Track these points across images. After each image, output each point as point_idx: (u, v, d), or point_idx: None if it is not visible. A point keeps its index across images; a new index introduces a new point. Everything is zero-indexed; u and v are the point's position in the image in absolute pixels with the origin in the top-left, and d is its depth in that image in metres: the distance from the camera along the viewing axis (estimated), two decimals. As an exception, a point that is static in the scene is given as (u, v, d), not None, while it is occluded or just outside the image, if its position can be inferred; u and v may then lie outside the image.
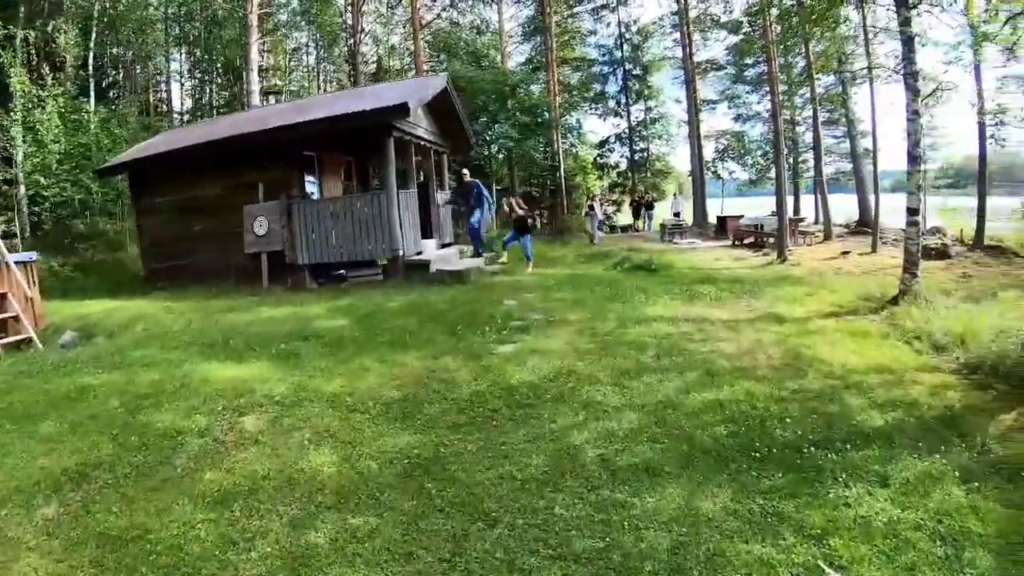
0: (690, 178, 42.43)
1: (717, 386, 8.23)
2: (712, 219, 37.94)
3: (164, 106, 42.81)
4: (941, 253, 21.93)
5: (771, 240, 24.17)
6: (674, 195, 42.08)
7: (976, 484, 5.90)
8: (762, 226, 26.95)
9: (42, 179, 24.91)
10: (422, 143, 19.54)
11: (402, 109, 15.37)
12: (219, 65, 40.74)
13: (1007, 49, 14.60)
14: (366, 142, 18.49)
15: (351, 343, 10.33)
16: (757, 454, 6.54)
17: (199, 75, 42.97)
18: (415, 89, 18.25)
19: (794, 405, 7.71)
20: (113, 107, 33.04)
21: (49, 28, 28.13)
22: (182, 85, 43.90)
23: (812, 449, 6.59)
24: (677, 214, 37.35)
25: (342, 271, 16.80)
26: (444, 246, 20.02)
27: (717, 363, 9.10)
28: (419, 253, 17.51)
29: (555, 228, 34.51)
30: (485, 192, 19.52)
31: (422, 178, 20.88)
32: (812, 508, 5.61)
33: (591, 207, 29.67)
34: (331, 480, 6.25)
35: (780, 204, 23.08)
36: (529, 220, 19.59)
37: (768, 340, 10.32)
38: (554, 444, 6.85)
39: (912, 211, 13.72)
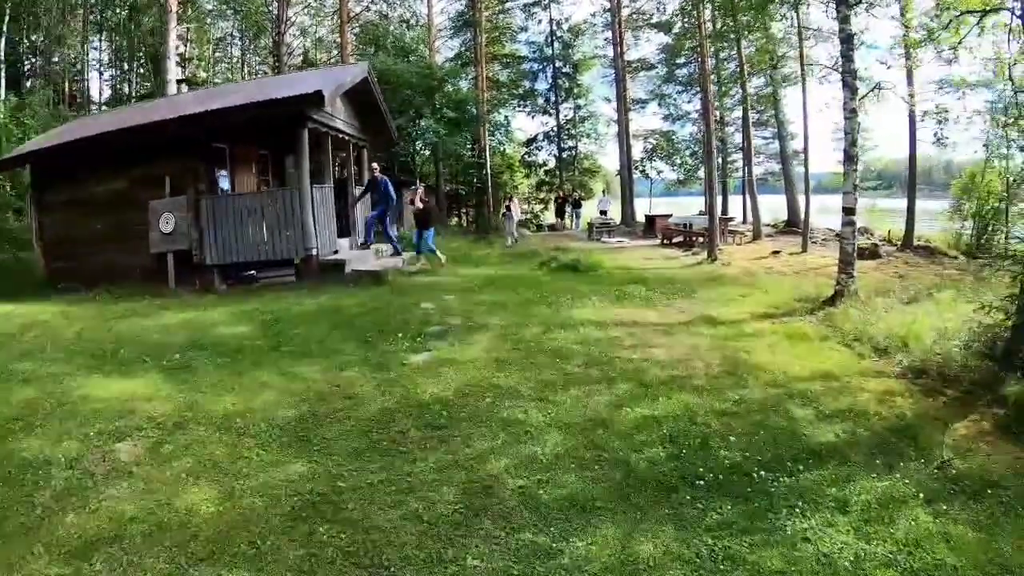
0: (618, 177, 41.96)
1: (652, 399, 7.41)
2: (640, 218, 37.57)
3: (81, 96, 40.49)
4: (872, 253, 21.55)
5: (700, 239, 23.49)
6: (602, 193, 41.81)
7: (942, 506, 5.42)
8: (691, 225, 26.41)
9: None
10: (341, 136, 18.41)
11: (317, 97, 14.20)
12: (140, 54, 38.74)
13: (951, 49, 14.15)
14: (281, 134, 17.05)
15: (251, 353, 9.27)
16: (701, 481, 5.70)
17: (120, 64, 41.13)
18: (333, 77, 17.10)
19: (737, 420, 6.97)
20: (24, 97, 31.11)
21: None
22: (101, 74, 41.90)
23: (761, 473, 5.84)
24: (604, 212, 36.50)
25: (252, 272, 15.55)
26: (363, 245, 18.86)
27: (651, 372, 8.32)
28: (335, 252, 16.44)
29: (481, 227, 33.65)
30: (391, 190, 18.38)
31: (345, 174, 19.92)
32: (768, 547, 4.80)
33: (508, 207, 28.44)
34: (208, 523, 5.14)
35: (711, 204, 22.51)
36: (431, 214, 18.95)
37: (704, 345, 9.64)
38: (468, 474, 5.86)
39: (848, 211, 13.29)
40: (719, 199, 33.53)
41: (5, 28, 29.85)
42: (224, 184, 17.26)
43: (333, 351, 9.23)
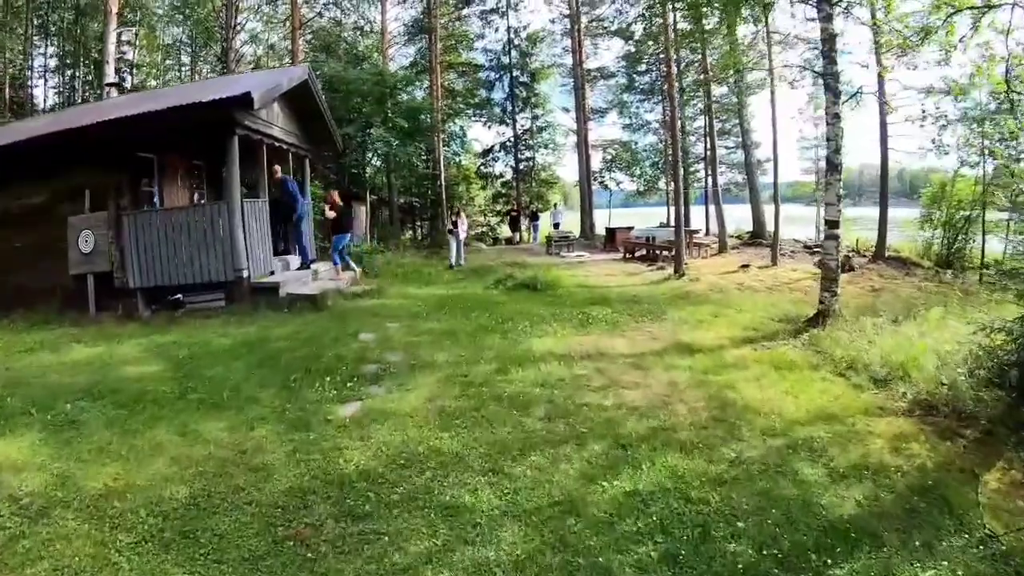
0: (576, 188, 40.65)
1: (633, 465, 5.89)
2: (601, 231, 35.98)
3: (26, 104, 38.36)
4: (844, 265, 20.27)
5: (664, 253, 22.11)
6: (554, 205, 40.24)
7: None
8: (654, 238, 24.80)
9: None
10: (278, 145, 16.66)
11: (245, 100, 12.52)
12: (87, 60, 36.89)
13: (943, 51, 12.94)
14: (214, 142, 15.05)
15: (153, 403, 7.60)
16: (714, 601, 4.19)
17: (65, 71, 38.95)
18: (268, 79, 15.39)
19: (739, 490, 5.52)
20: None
21: None
22: (46, 81, 39.71)
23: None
24: (557, 225, 35.42)
25: (179, 296, 13.81)
26: (306, 265, 17.25)
27: (627, 424, 6.86)
28: (271, 274, 14.80)
29: (435, 241, 31.95)
30: (296, 189, 16.74)
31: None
32: None
33: (454, 223, 23.73)
34: None
35: (678, 216, 20.97)
36: (342, 220, 17.38)
37: (683, 381, 8.27)
38: (396, 598, 4.29)
39: (831, 223, 12.14)
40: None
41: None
42: (155, 199, 15.61)
43: (248, 400, 7.61)
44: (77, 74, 38.55)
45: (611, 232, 31.34)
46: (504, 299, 14.43)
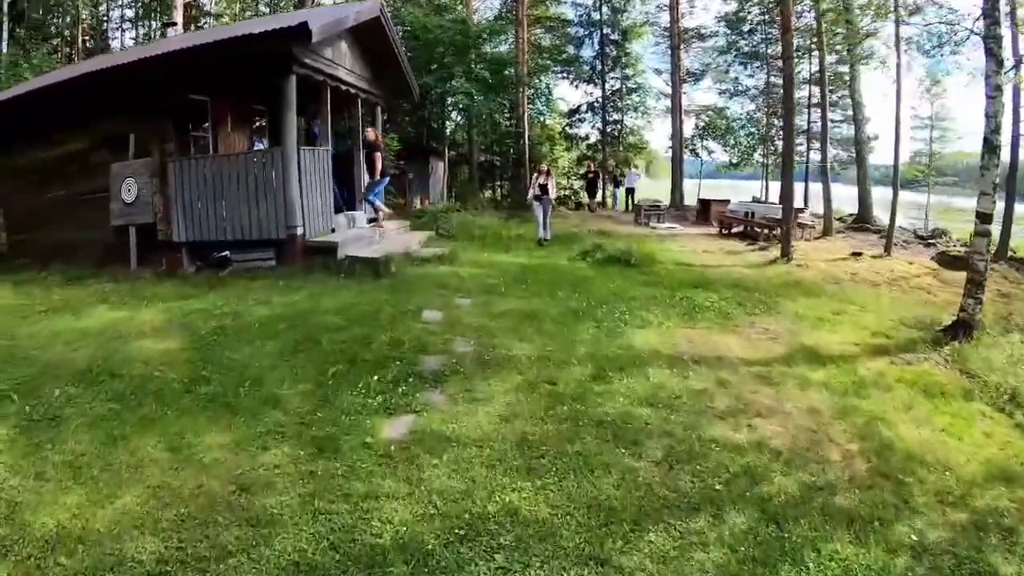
0: (666, 155, 37.94)
1: (792, 557, 4.01)
2: (689, 202, 33.61)
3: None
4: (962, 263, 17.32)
5: (765, 231, 19.87)
6: (631, 168, 36.64)
7: None
8: (753, 214, 22.41)
9: None
10: (345, 88, 14.80)
11: (302, 32, 10.64)
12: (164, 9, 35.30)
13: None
14: (275, 84, 12.68)
15: (153, 397, 6.02)
16: None
17: (144, 21, 38.15)
18: (331, 12, 13.52)
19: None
20: (26, 51, 28.12)
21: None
22: (123, 32, 39.24)
23: None
24: (632, 190, 32.87)
25: (227, 253, 12.25)
26: (372, 222, 15.64)
27: (773, 479, 4.98)
28: (332, 231, 13.16)
29: (516, 202, 29.43)
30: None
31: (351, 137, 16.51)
32: None
33: (543, 187, 17.70)
34: None
35: (786, 191, 18.34)
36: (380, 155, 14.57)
37: (824, 407, 6.39)
38: None
39: (983, 217, 9.62)
40: (776, 186, 29.98)
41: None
42: (208, 147, 14.15)
43: (268, 401, 5.92)
44: (155, 24, 37.12)
45: (705, 204, 28.60)
46: (593, 274, 12.45)
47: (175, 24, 20.45)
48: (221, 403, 5.85)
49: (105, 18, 38.72)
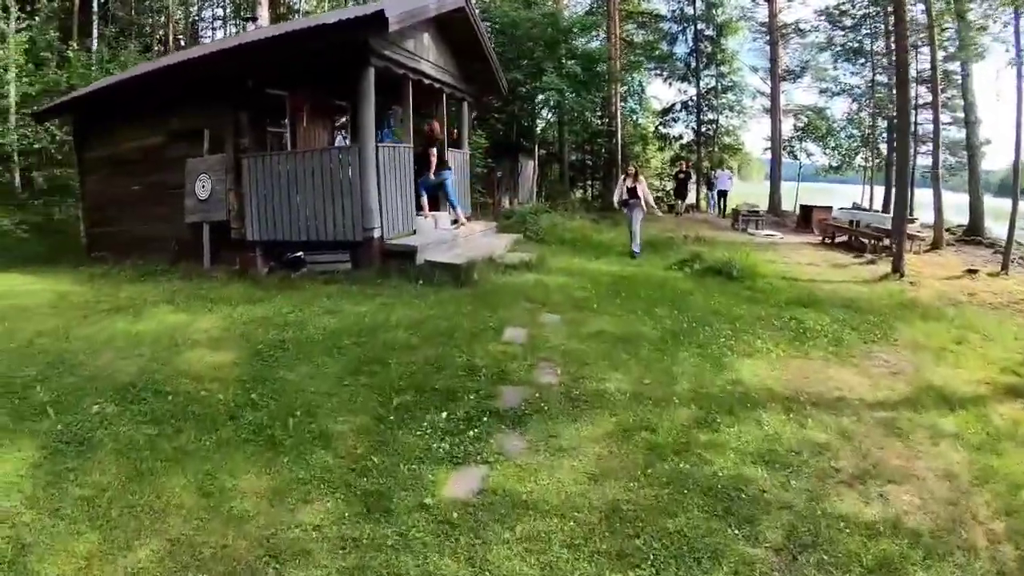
0: (763, 156, 36.05)
1: None
2: (788, 206, 31.84)
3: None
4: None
5: (873, 242, 18.30)
6: (722, 169, 34.18)
7: None
8: (859, 223, 20.67)
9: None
10: (428, 82, 13.92)
11: (378, 21, 9.86)
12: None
13: None
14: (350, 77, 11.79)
15: (194, 422, 5.39)
16: None
17: (236, 20, 37.98)
18: (411, 1, 12.62)
19: None
20: (115, 48, 28.35)
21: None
22: (213, 32, 39.67)
23: None
24: (724, 193, 30.98)
25: (300, 254, 11.62)
26: (456, 223, 14.86)
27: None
28: (412, 232, 12.36)
29: (606, 203, 28.01)
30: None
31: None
32: None
33: (631, 191, 15.07)
34: None
35: (902, 200, 16.36)
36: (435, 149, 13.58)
37: (961, 470, 5.24)
38: None
39: None
40: (880, 192, 28.13)
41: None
42: (285, 143, 13.59)
43: (318, 439, 5.12)
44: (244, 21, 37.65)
45: (806, 210, 26.29)
46: (692, 287, 11.31)
47: (257, 19, 20.08)
48: (265, 436, 5.11)
49: (197, 17, 39.33)
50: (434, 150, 13.33)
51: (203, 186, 12.25)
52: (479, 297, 9.42)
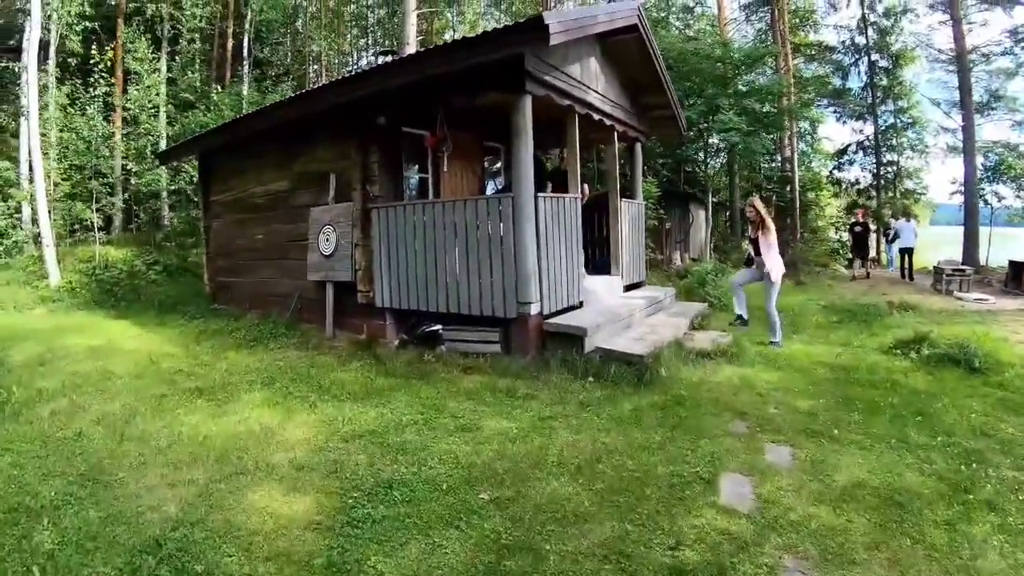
0: (953, 200, 31.21)
1: None
2: (985, 259, 27.22)
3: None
4: None
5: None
6: (905, 216, 27.35)
7: None
8: None
9: (129, 163, 19.96)
10: (598, 118, 11.06)
11: (537, 30, 7.37)
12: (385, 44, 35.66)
13: None
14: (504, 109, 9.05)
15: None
16: None
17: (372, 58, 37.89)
18: (574, 13, 9.36)
19: None
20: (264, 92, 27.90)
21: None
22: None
23: None
24: (908, 250, 23.45)
25: (437, 327, 9.32)
26: (630, 287, 12.39)
27: None
28: (579, 305, 9.81)
29: (787, 260, 24.40)
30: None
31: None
32: None
33: (754, 242, 10.49)
34: None
35: None
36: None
37: None
38: None
39: None
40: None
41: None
42: (416, 185, 11.51)
43: None
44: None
45: (1017, 267, 21.20)
46: (930, 386, 8.20)
47: (395, 53, 18.36)
48: None
49: (349, 56, 40.13)
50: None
51: (327, 239, 10.32)
52: (672, 411, 6.77)
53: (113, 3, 24.74)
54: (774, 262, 10.17)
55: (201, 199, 14.90)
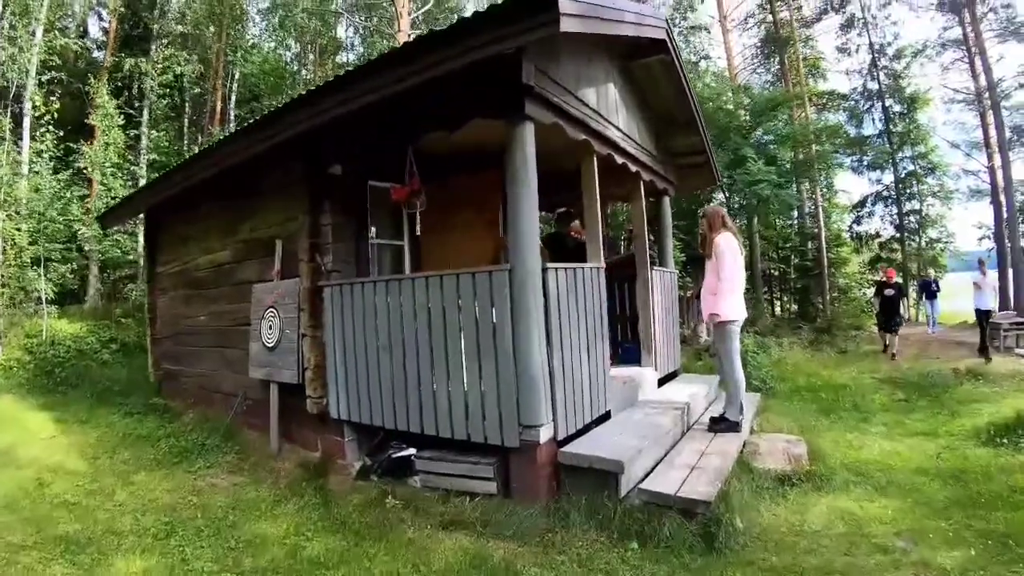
0: (983, 245, 28.24)
1: None
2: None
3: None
4: None
5: None
6: (979, 265, 18.66)
7: None
8: None
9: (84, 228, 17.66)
10: (621, 160, 7.93)
11: (540, 8, 4.58)
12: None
13: None
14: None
15: None
16: None
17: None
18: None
19: None
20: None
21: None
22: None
23: None
24: (986, 313, 17.03)
25: (410, 451, 6.38)
26: (667, 378, 9.34)
27: None
28: (606, 415, 6.85)
29: (815, 326, 21.44)
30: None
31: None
32: None
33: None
34: None
35: None
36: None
37: None
38: None
39: None
40: None
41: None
42: (406, 259, 8.52)
43: None
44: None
45: None
46: None
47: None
48: None
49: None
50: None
51: (270, 327, 7.62)
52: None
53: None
54: (724, 300, 6.97)
55: (147, 268, 12.14)
